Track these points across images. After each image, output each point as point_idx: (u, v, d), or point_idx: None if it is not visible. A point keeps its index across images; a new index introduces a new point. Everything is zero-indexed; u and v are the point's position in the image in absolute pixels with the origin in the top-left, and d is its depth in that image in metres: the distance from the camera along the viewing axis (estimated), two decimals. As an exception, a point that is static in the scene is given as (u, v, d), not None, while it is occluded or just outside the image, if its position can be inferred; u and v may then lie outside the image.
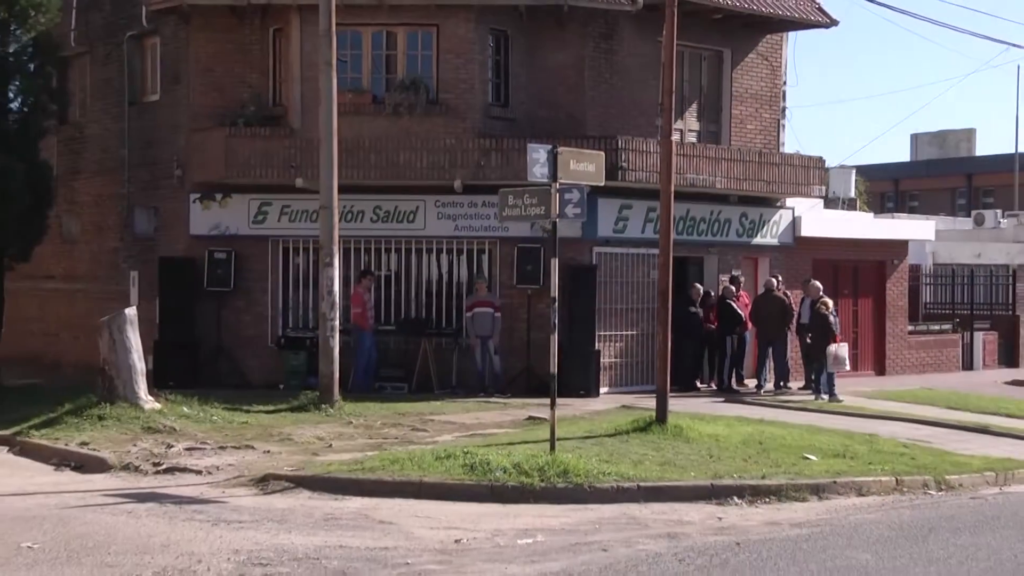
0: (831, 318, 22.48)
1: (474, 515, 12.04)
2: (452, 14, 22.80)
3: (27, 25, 23.05)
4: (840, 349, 22.29)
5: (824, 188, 27.11)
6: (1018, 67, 73.13)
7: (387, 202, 22.80)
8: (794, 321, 24.26)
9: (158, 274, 23.41)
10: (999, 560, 10.07)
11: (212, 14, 23.40)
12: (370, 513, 12.09)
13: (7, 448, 17.20)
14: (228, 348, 23.20)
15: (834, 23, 26.28)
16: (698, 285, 23.91)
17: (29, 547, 10.28)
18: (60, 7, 23.92)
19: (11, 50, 23.08)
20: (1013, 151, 47.73)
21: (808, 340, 23.42)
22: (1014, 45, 57.73)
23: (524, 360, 22.25)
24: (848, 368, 22.65)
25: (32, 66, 23.48)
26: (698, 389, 23.78)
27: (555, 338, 14.93)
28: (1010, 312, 33.55)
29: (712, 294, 24.26)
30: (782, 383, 24.03)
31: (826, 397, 22.04)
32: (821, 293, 23.62)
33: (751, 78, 26.20)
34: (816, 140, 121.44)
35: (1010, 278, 34.58)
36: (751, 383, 24.43)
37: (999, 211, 40.47)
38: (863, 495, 13.65)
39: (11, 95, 23.27)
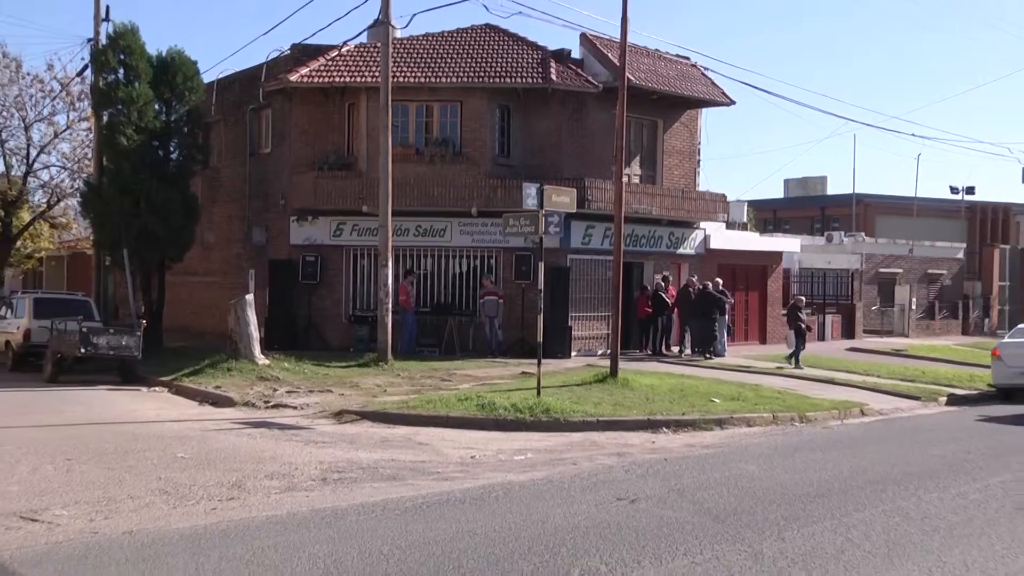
0: (799, 313, 22.18)
1: (484, 439, 12.09)
2: (471, 94, 22.81)
3: (183, 101, 23.28)
4: (791, 335, 21.83)
5: (726, 215, 27.04)
6: (854, 135, 73.90)
7: (425, 222, 22.78)
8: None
9: (268, 271, 23.44)
10: (840, 468, 10.11)
11: (307, 94, 23.42)
12: (412, 437, 12.13)
13: (167, 389, 17.42)
14: (315, 323, 23.21)
15: (733, 102, 26.26)
16: (709, 281, 23.59)
17: (182, 456, 10.37)
18: (204, 89, 24.04)
19: (172, 118, 23.21)
20: (851, 192, 48.13)
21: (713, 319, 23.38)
22: (851, 120, 58.58)
23: (519, 332, 22.24)
24: (794, 348, 21.69)
25: (186, 129, 23.56)
26: (707, 356, 22.86)
27: (541, 317, 14.99)
28: (850, 301, 33.78)
29: (648, 287, 24.28)
30: (696, 350, 24.02)
31: (801, 367, 21.15)
32: (717, 285, 23.53)
33: (677, 139, 26.18)
34: (720, 182, 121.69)
35: (850, 278, 34.75)
36: (675, 349, 24.38)
37: (843, 232, 40.63)
38: (750, 426, 13.70)
39: (172, 149, 23.40)
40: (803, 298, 23.59)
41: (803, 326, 22.04)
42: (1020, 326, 19.36)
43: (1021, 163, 36.90)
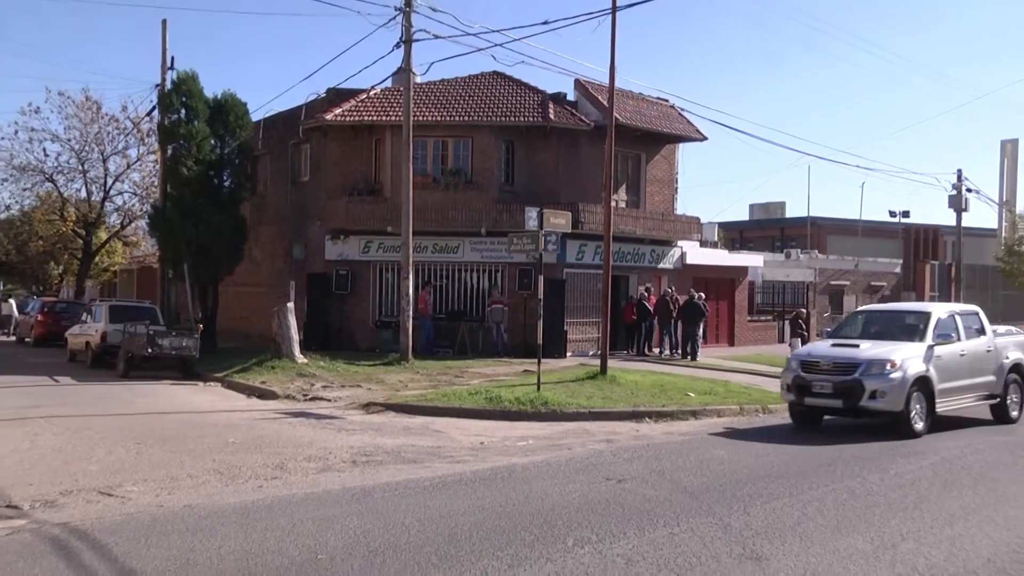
0: (800, 322, 21.95)
1: (491, 428, 12.11)
2: (480, 130, 22.88)
3: (235, 137, 23.41)
4: (795, 341, 21.38)
5: (700, 235, 27.10)
6: (809, 166, 74.70)
7: (441, 241, 22.80)
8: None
9: (306, 283, 23.43)
10: (796, 453, 10.10)
11: (340, 130, 23.50)
12: (430, 426, 12.16)
13: (220, 384, 17.45)
14: (346, 327, 23.20)
15: (705, 138, 26.29)
16: (702, 292, 23.49)
17: (233, 442, 10.40)
18: (253, 126, 24.17)
19: (225, 152, 23.35)
20: (806, 215, 48.19)
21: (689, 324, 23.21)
22: (805, 152, 58.63)
23: (522, 336, 22.21)
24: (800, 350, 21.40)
25: (237, 161, 23.68)
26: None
27: (540, 323, 15.04)
28: (805, 310, 33.73)
29: (633, 297, 24.26)
30: (673, 351, 23.98)
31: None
32: (694, 296, 23.49)
33: (657, 169, 26.22)
34: (694, 206, 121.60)
35: (805, 289, 34.75)
36: (656, 351, 24.29)
37: (799, 250, 40.68)
38: (721, 416, 13.68)
39: (225, 178, 23.53)
40: (804, 311, 23.59)
41: (804, 334, 21.95)
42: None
43: (947, 191, 36.83)
